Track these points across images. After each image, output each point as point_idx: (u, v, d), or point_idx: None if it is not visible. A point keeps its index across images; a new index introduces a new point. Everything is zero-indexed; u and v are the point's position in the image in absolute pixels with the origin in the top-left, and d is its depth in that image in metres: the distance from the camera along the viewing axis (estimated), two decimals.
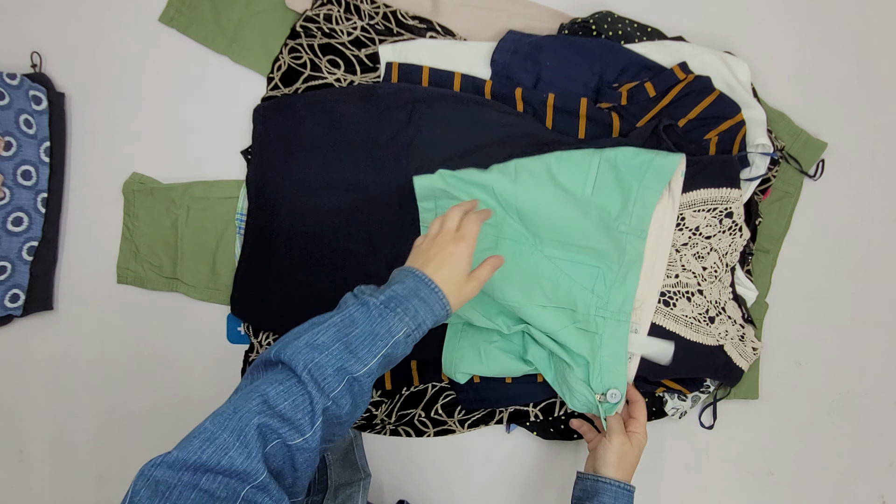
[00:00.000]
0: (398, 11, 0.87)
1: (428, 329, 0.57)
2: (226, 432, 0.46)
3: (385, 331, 0.54)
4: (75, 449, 0.91)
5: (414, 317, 0.55)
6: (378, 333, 0.54)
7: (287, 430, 0.48)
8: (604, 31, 0.86)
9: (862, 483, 0.93)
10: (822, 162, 0.90)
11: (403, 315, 0.55)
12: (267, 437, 0.47)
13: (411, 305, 0.56)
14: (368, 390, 0.54)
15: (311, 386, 0.50)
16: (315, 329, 0.53)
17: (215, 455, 0.44)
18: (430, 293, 0.57)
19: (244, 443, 0.45)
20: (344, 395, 0.51)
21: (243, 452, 0.45)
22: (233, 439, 0.45)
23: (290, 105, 0.84)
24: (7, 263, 0.84)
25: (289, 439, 0.48)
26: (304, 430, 0.49)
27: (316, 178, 0.83)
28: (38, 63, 0.88)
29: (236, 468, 0.44)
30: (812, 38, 0.92)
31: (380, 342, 0.53)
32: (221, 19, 0.88)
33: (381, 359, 0.53)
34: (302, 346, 0.51)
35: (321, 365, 0.50)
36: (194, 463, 0.44)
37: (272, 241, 0.84)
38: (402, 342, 0.55)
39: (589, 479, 0.72)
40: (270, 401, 0.48)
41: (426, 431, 0.88)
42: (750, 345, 0.84)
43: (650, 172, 0.76)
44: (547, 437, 0.87)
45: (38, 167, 0.86)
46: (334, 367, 0.51)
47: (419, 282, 0.57)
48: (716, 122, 0.82)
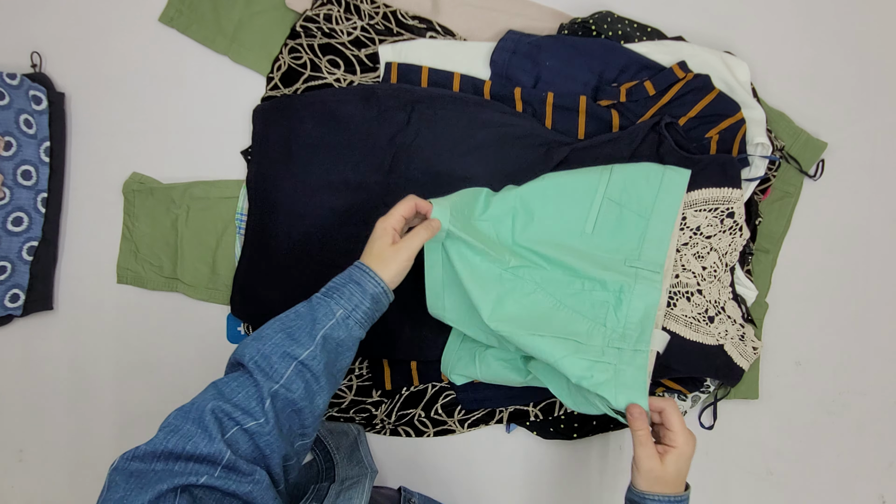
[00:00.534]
0: (398, 11, 0.87)
1: (369, 308, 0.61)
2: (187, 423, 0.50)
3: (322, 315, 0.59)
4: (75, 449, 0.91)
5: (350, 298, 0.60)
6: (316, 318, 0.58)
7: (240, 414, 0.52)
8: (604, 31, 0.86)
9: (862, 483, 0.93)
10: (822, 162, 0.90)
11: (339, 298, 0.60)
12: (223, 422, 0.51)
13: (346, 290, 0.61)
14: (321, 376, 0.57)
15: (258, 374, 0.54)
16: (262, 327, 0.59)
17: (180, 442, 0.49)
18: (361, 274, 0.62)
19: (203, 427, 0.50)
20: (294, 379, 0.55)
21: (205, 437, 0.49)
22: (194, 427, 0.50)
23: (289, 105, 0.84)
24: (7, 263, 0.84)
25: (244, 423, 0.52)
26: (257, 415, 0.52)
27: (316, 178, 0.83)
28: (38, 63, 0.88)
29: (201, 452, 0.48)
30: (812, 38, 0.92)
31: (318, 326, 0.58)
32: (221, 19, 0.88)
33: (321, 340, 0.57)
34: (249, 342, 0.57)
35: (265, 354, 0.55)
36: (163, 452, 0.48)
37: (272, 242, 0.84)
38: (342, 323, 0.59)
39: (635, 494, 0.64)
40: (225, 394, 0.53)
41: (426, 431, 0.88)
42: (750, 344, 0.84)
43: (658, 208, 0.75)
44: (547, 436, 0.87)
45: (38, 167, 0.86)
46: (278, 353, 0.55)
47: (353, 268, 0.63)
48: (716, 119, 0.82)
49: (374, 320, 0.64)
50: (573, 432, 0.86)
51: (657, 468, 0.62)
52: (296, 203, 0.83)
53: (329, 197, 0.83)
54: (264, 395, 0.53)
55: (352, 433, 0.83)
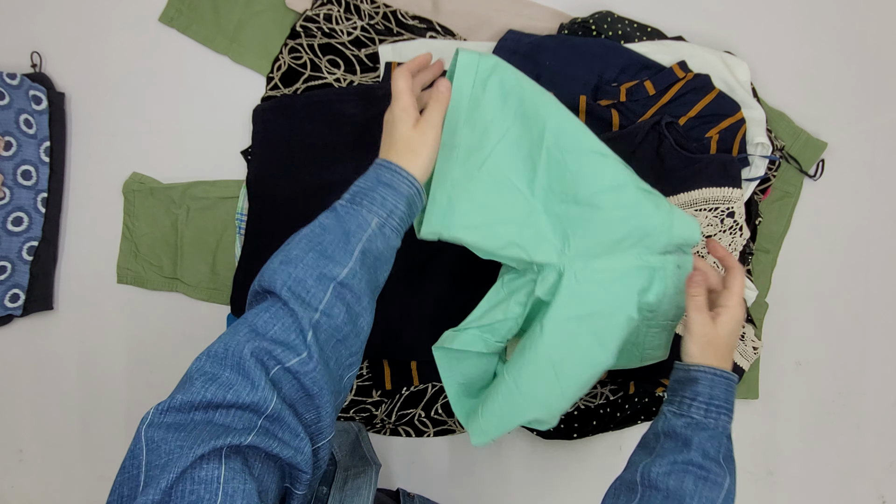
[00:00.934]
0: (398, 11, 0.87)
1: (405, 213, 0.55)
2: (226, 370, 0.45)
3: (356, 226, 0.52)
4: (75, 449, 0.91)
5: (383, 204, 0.53)
6: (349, 231, 0.52)
7: (281, 351, 0.46)
8: (604, 31, 0.86)
9: (862, 483, 0.93)
10: (822, 162, 0.90)
11: (371, 205, 0.53)
12: (265, 362, 0.46)
13: (377, 194, 0.54)
14: (363, 295, 0.52)
15: (294, 303, 0.48)
16: (287, 246, 0.52)
17: (220, 392, 0.44)
18: (392, 175, 0.55)
19: (245, 374, 0.45)
20: (334, 303, 0.49)
21: (247, 385, 0.44)
22: (234, 375, 0.45)
23: (289, 105, 0.84)
24: (7, 263, 0.84)
25: (286, 361, 0.46)
26: (299, 349, 0.47)
27: (315, 177, 0.83)
28: (38, 63, 0.88)
29: (244, 401, 0.44)
30: (812, 37, 0.92)
31: (353, 239, 0.51)
32: (221, 19, 0.88)
33: (360, 255, 0.51)
34: (277, 266, 0.50)
35: (299, 278, 0.49)
36: (202, 402, 0.43)
37: (272, 242, 0.84)
38: (378, 233, 0.53)
39: (680, 370, 0.62)
40: (259, 329, 0.47)
41: (426, 431, 0.88)
42: (750, 344, 0.84)
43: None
44: (547, 436, 0.87)
45: (38, 167, 0.86)
46: (314, 276, 0.49)
47: (378, 167, 0.55)
48: (716, 119, 0.82)
49: (408, 226, 0.57)
50: (573, 432, 0.86)
51: (710, 331, 0.60)
52: (296, 203, 0.83)
53: (329, 197, 0.82)
54: (305, 326, 0.47)
55: (352, 431, 0.83)
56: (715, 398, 0.58)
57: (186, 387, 0.45)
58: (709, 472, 0.55)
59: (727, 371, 0.60)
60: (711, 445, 0.57)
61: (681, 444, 0.57)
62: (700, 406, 0.58)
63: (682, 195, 0.80)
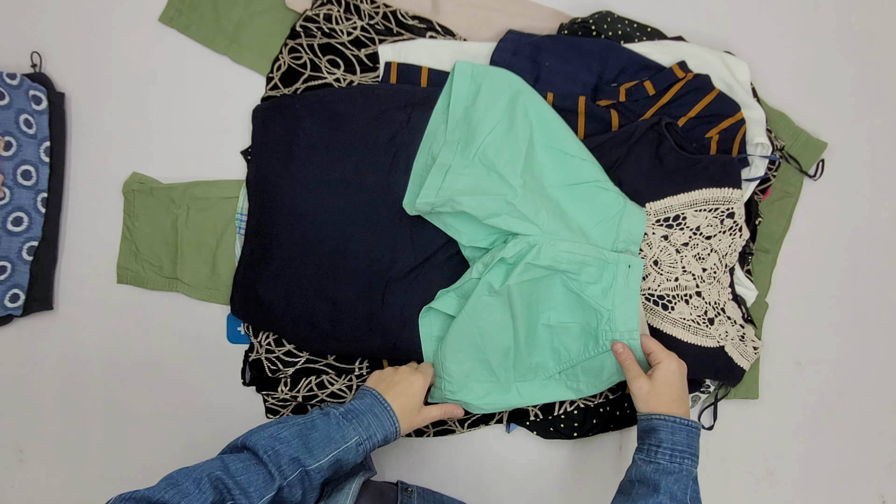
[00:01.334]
0: (398, 11, 0.87)
1: (378, 443, 0.66)
2: (187, 481, 0.54)
3: (339, 436, 0.63)
4: (75, 449, 0.91)
5: (367, 428, 0.65)
6: (333, 438, 0.63)
7: (238, 493, 0.55)
8: (603, 31, 0.86)
9: (862, 483, 0.93)
10: (822, 162, 0.90)
11: (357, 426, 0.65)
12: (221, 492, 0.55)
13: (365, 419, 0.66)
14: (317, 487, 0.62)
15: (271, 466, 0.58)
16: (280, 425, 0.63)
17: (175, 496, 0.53)
18: (383, 411, 0.68)
19: (201, 490, 0.54)
20: (296, 484, 0.60)
21: (199, 499, 0.53)
22: (192, 487, 0.54)
23: (289, 105, 0.84)
24: (7, 263, 0.84)
25: (238, 502, 0.55)
26: (253, 500, 0.56)
27: (315, 178, 0.83)
28: (38, 63, 0.88)
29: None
30: (812, 38, 0.92)
31: (333, 445, 0.63)
32: (221, 19, 0.88)
33: (332, 459, 0.62)
34: (265, 437, 0.61)
35: (280, 452, 0.59)
36: (158, 500, 0.52)
37: (272, 242, 0.84)
38: (354, 449, 0.64)
39: (642, 420, 0.71)
40: (231, 468, 0.57)
41: (426, 431, 0.88)
42: (750, 344, 0.84)
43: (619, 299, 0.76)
44: (547, 436, 0.87)
45: (38, 167, 0.86)
46: (290, 456, 0.60)
47: (375, 401, 0.68)
48: (716, 120, 0.82)
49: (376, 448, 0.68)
50: (573, 432, 0.86)
51: (646, 385, 0.70)
52: (295, 203, 0.83)
53: (329, 197, 0.83)
54: (271, 487, 0.57)
55: None
56: (678, 444, 0.66)
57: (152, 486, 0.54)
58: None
59: (686, 419, 0.68)
60: (679, 488, 0.64)
61: (651, 489, 0.64)
62: (665, 452, 0.66)
63: (681, 196, 0.80)
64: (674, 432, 0.67)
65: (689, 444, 0.67)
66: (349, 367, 0.85)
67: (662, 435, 0.67)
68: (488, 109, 0.77)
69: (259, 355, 0.85)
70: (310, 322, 0.82)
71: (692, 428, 0.68)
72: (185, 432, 0.90)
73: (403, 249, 0.82)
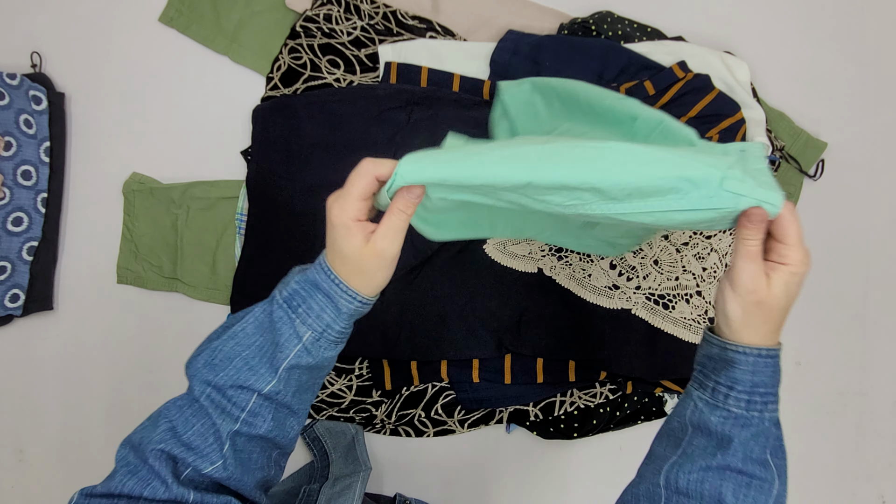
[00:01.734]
0: (398, 11, 0.87)
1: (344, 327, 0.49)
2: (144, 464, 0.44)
3: (286, 338, 0.47)
4: (76, 449, 0.91)
5: (319, 317, 0.47)
6: (279, 343, 0.47)
7: (194, 458, 0.44)
8: (604, 31, 0.86)
9: (862, 483, 0.93)
10: (822, 162, 0.90)
11: (306, 316, 0.47)
12: (177, 466, 0.44)
13: (314, 303, 0.47)
14: (290, 403, 0.48)
15: (213, 411, 0.46)
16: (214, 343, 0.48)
17: (138, 486, 0.43)
18: (331, 286, 0.48)
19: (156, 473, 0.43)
20: (258, 412, 0.46)
21: (161, 484, 0.43)
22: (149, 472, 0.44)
23: (289, 105, 0.84)
24: (7, 263, 0.84)
25: (200, 467, 0.44)
26: (214, 458, 0.45)
27: (315, 178, 0.83)
28: (38, 63, 0.88)
29: (161, 498, 0.42)
30: (812, 38, 0.92)
31: (280, 354, 0.47)
32: (221, 19, 0.88)
33: (284, 373, 0.47)
34: (199, 366, 0.47)
35: (219, 386, 0.46)
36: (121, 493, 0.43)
37: (272, 242, 0.84)
38: (311, 348, 0.47)
39: (714, 343, 0.50)
40: (178, 429, 0.45)
41: (426, 431, 0.88)
42: None
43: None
44: (547, 436, 0.87)
45: (38, 167, 0.86)
46: (234, 385, 0.46)
47: (320, 272, 0.49)
48: (716, 119, 0.82)
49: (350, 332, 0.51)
50: (573, 432, 0.86)
51: (762, 288, 0.47)
52: (295, 203, 0.83)
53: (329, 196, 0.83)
54: (223, 436, 0.45)
55: (350, 432, 0.84)
56: (759, 385, 0.47)
57: (110, 475, 0.44)
58: (752, 477, 0.47)
59: (773, 348, 0.48)
60: (756, 444, 0.48)
61: (716, 444, 0.48)
62: (741, 397, 0.47)
63: None
64: (755, 371, 0.47)
65: (773, 382, 0.48)
66: (349, 367, 0.85)
67: (740, 373, 0.47)
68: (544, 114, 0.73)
69: None
70: None
71: (777, 358, 0.49)
72: None
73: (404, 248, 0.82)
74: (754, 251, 0.46)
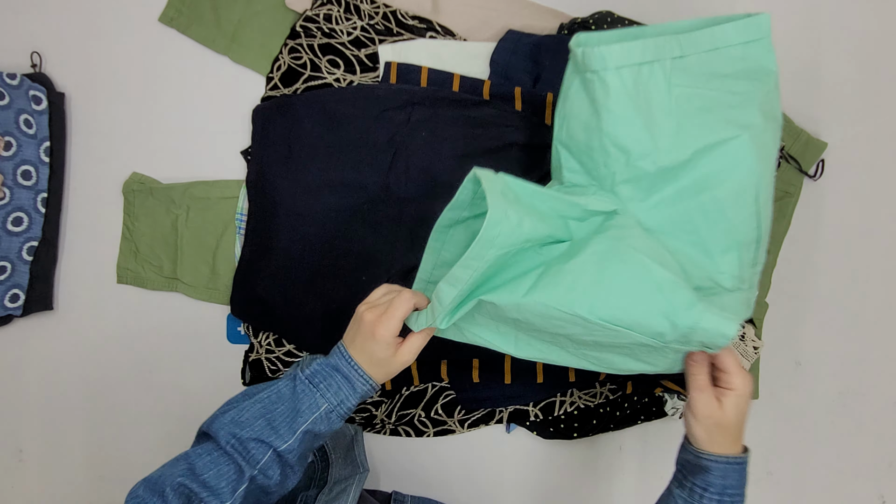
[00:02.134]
0: (398, 11, 0.87)
1: (352, 406, 0.59)
2: (154, 497, 0.52)
3: (306, 407, 0.57)
4: (75, 449, 0.91)
5: (336, 393, 0.58)
6: (300, 410, 0.57)
7: (206, 494, 0.52)
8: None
9: (862, 483, 0.93)
10: (822, 162, 0.90)
11: (326, 391, 0.58)
12: (189, 497, 0.52)
13: (334, 381, 0.58)
14: (296, 464, 0.57)
15: (237, 456, 0.54)
16: (243, 405, 0.57)
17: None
18: (351, 370, 0.59)
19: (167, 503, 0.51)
20: (271, 465, 0.55)
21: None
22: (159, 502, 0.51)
23: (289, 105, 0.84)
24: (7, 263, 0.84)
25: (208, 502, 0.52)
26: (224, 496, 0.53)
27: (315, 178, 0.83)
28: (38, 63, 0.88)
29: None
30: (812, 38, 0.92)
31: (300, 418, 0.56)
32: (221, 19, 0.88)
33: (301, 434, 0.56)
34: (227, 423, 0.56)
35: (243, 439, 0.55)
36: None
37: (272, 242, 0.84)
38: (325, 418, 0.57)
39: (689, 453, 0.60)
40: (197, 469, 0.54)
41: (426, 431, 0.88)
42: (751, 344, 0.84)
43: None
44: (547, 436, 0.87)
45: (38, 167, 0.86)
46: (256, 439, 0.55)
47: (341, 358, 0.59)
48: None
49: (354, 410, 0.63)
50: (573, 432, 0.86)
51: (716, 413, 0.57)
52: (295, 203, 0.83)
53: (329, 197, 0.83)
54: (243, 479, 0.54)
55: (349, 433, 0.84)
56: (728, 488, 0.57)
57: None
58: None
59: (740, 456, 0.58)
60: None
61: None
62: (713, 497, 0.57)
63: None
64: (726, 475, 0.58)
65: (741, 485, 0.58)
66: None
67: (712, 478, 0.57)
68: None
69: (259, 355, 0.85)
70: (309, 322, 0.82)
71: (744, 465, 0.59)
72: (185, 432, 0.89)
73: (403, 249, 0.82)
74: (703, 383, 0.59)
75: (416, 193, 0.82)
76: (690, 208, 0.59)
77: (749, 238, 0.60)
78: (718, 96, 0.59)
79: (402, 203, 0.82)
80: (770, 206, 0.61)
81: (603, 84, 0.59)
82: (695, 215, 0.59)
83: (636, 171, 0.60)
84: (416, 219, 0.81)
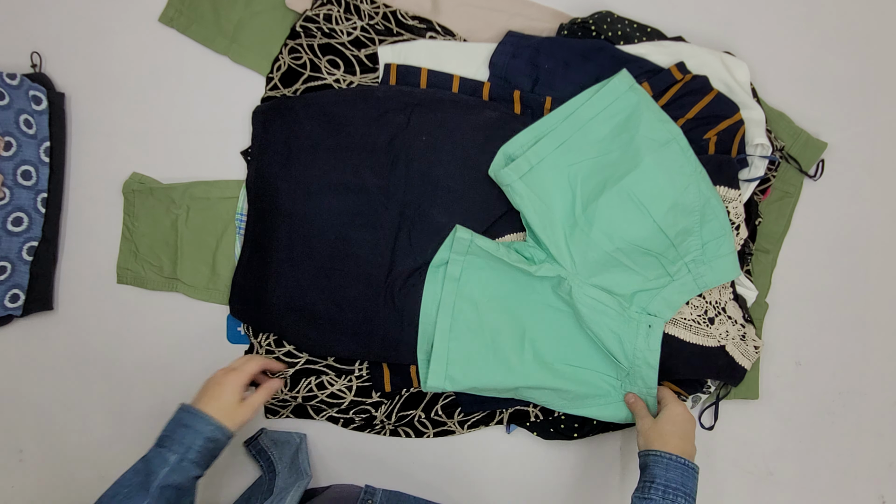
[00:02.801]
0: (398, 11, 0.87)
1: (201, 448, 0.64)
2: None
3: (157, 464, 0.63)
4: (75, 449, 0.91)
5: (181, 442, 0.64)
6: (152, 470, 0.62)
7: None
8: (603, 32, 0.86)
9: (862, 483, 0.93)
10: (822, 162, 0.90)
11: (171, 445, 0.64)
12: None
13: (177, 435, 0.65)
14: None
15: None
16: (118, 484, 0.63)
17: None
18: (193, 418, 0.66)
19: None
20: None
21: None
22: None
23: (289, 107, 0.84)
24: (7, 263, 0.84)
25: None
26: None
27: (315, 179, 0.83)
28: (38, 63, 0.88)
29: None
30: (812, 38, 0.92)
31: (153, 477, 0.62)
32: (221, 19, 0.88)
33: (157, 490, 0.61)
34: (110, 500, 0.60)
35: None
36: None
37: (271, 243, 0.84)
38: (177, 468, 0.63)
39: (640, 457, 0.73)
40: None
41: (426, 432, 0.88)
42: (751, 343, 0.84)
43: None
44: (547, 437, 0.87)
45: (38, 167, 0.86)
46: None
47: (183, 413, 0.67)
48: (714, 121, 0.82)
49: (214, 456, 0.66)
50: (573, 432, 0.86)
51: (649, 422, 0.73)
52: (295, 204, 0.83)
53: (328, 198, 0.83)
54: None
55: (294, 441, 0.85)
56: (671, 481, 0.66)
57: None
58: None
59: (683, 458, 0.68)
60: None
61: None
62: (658, 488, 0.66)
63: None
64: (668, 469, 0.67)
65: (684, 483, 0.66)
66: (349, 367, 0.85)
67: (656, 471, 0.67)
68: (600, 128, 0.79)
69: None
70: (309, 323, 0.82)
71: (688, 467, 0.68)
72: None
73: (403, 252, 0.82)
74: (641, 409, 0.77)
75: (415, 196, 0.82)
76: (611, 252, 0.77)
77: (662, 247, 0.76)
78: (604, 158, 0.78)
79: (402, 206, 0.82)
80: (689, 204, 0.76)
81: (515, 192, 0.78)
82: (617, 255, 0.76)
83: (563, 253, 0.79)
84: (415, 221, 0.81)
